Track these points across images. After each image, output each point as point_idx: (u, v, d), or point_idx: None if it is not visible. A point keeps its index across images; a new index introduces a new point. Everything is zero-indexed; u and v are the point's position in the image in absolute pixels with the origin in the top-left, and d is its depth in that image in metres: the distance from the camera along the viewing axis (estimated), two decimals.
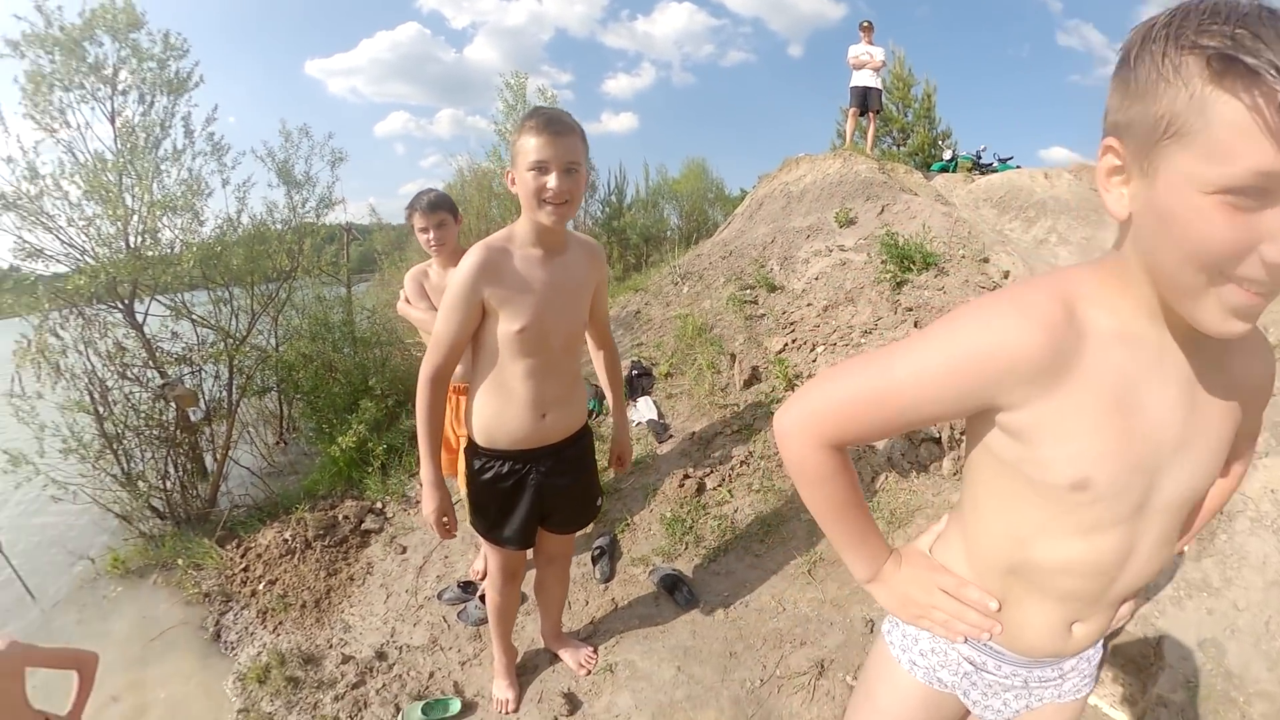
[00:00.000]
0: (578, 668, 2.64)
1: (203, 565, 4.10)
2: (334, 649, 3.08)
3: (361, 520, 3.96)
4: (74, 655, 2.17)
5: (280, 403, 5.77)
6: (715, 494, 3.52)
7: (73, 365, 4.39)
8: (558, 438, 2.02)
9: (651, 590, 3.00)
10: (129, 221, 4.40)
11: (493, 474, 2.03)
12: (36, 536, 5.49)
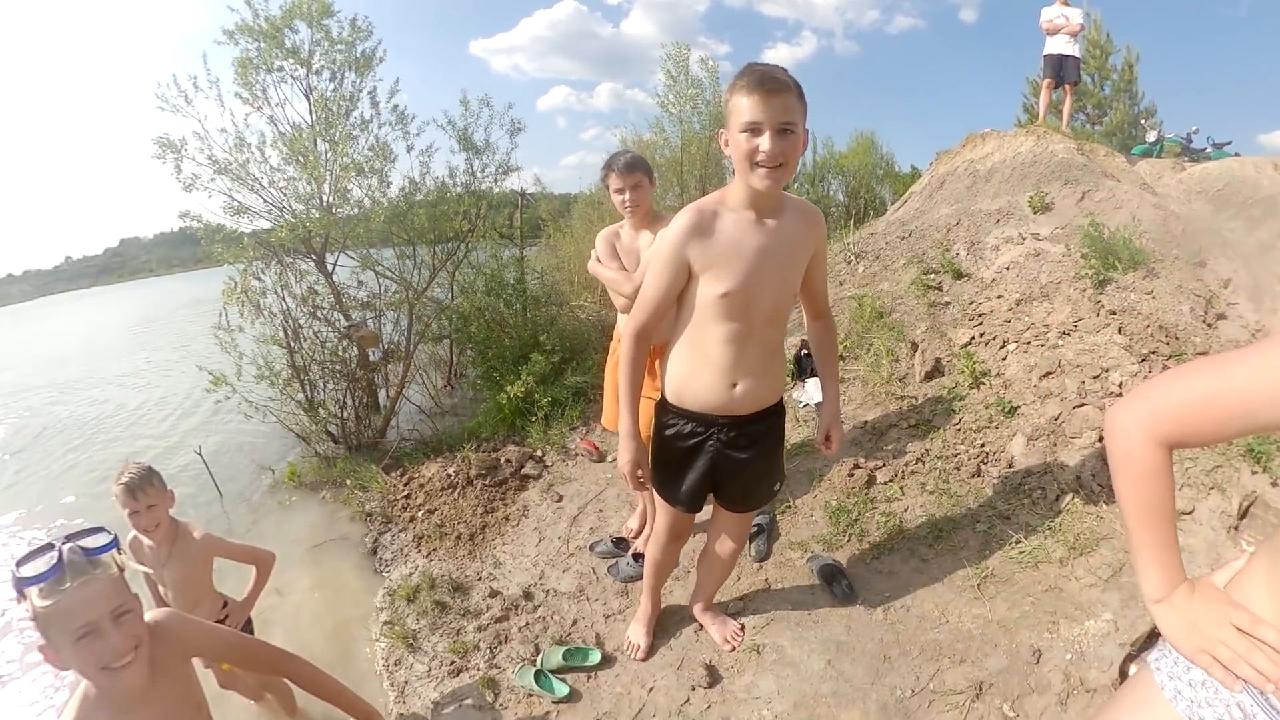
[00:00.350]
0: (723, 642, 2.53)
1: (368, 488, 4.46)
2: (483, 582, 3.19)
3: (522, 465, 4.10)
4: (256, 553, 2.40)
5: (451, 350, 6.15)
6: (885, 489, 3.26)
7: (270, 305, 4.98)
8: (744, 410, 1.92)
9: (808, 577, 2.82)
10: (323, 183, 4.88)
11: (674, 432, 1.98)
12: (229, 446, 6.29)
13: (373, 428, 5.30)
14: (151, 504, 2.17)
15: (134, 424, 8.66)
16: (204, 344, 5.58)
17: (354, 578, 3.68)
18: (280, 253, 4.91)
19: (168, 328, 18.70)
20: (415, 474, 4.35)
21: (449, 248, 5.32)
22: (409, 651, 2.88)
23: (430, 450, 4.75)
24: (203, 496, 4.85)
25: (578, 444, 4.25)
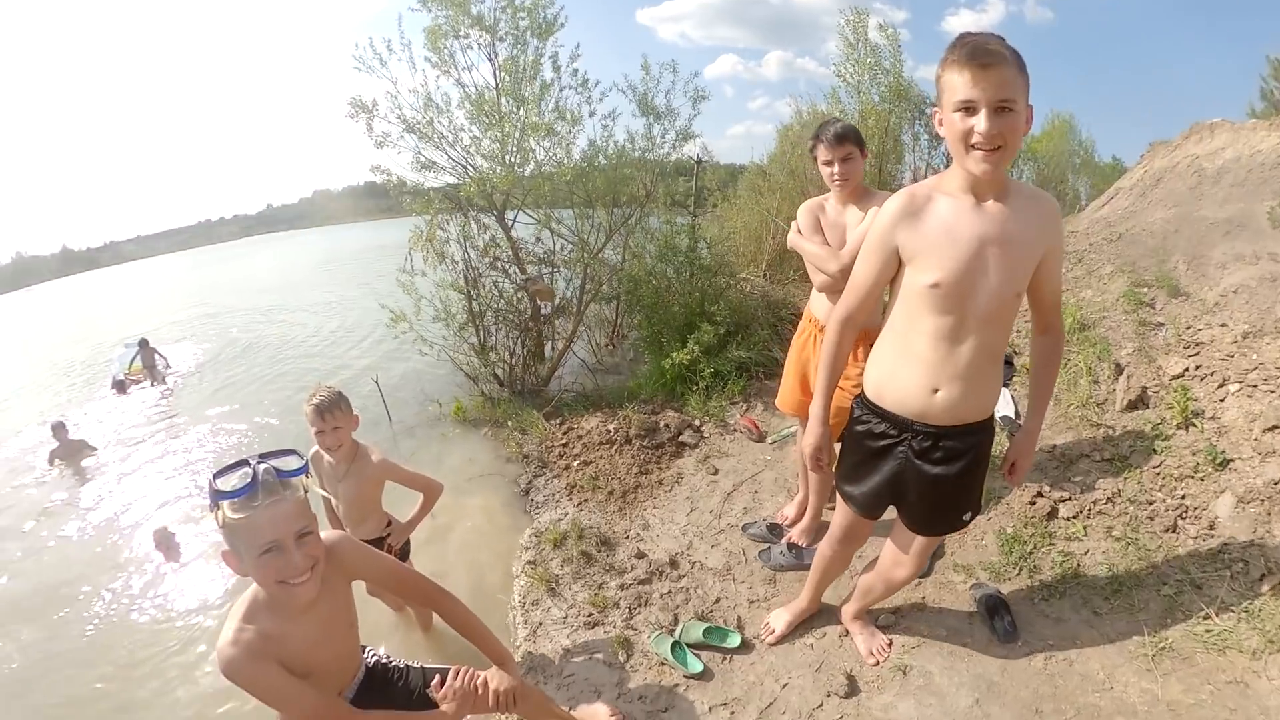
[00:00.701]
0: (868, 655, 2.42)
1: (527, 431, 4.72)
2: (630, 541, 3.28)
3: (680, 433, 4.15)
4: (427, 482, 2.59)
5: (617, 311, 6.35)
6: (1067, 525, 2.93)
7: (453, 254, 5.35)
8: (944, 420, 1.74)
9: (968, 604, 2.63)
10: (506, 143, 5.08)
11: (865, 429, 1.87)
12: (402, 378, 6.96)
13: (537, 376, 5.61)
14: (337, 425, 2.39)
15: (321, 348, 9.92)
16: (386, 285, 6.16)
17: (504, 514, 3.93)
18: (465, 206, 5.25)
19: (353, 268, 20.80)
20: (574, 425, 4.54)
21: (625, 212, 5.41)
22: (548, 594, 3.02)
23: (590, 404, 4.95)
24: (374, 421, 5.36)
25: (738, 420, 4.23)
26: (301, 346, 10.29)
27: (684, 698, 2.36)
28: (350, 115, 4.95)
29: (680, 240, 5.50)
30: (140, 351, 9.80)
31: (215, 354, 10.66)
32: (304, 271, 23.00)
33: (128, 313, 21.66)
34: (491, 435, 4.96)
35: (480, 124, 5.08)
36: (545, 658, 2.69)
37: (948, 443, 1.77)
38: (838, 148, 2.46)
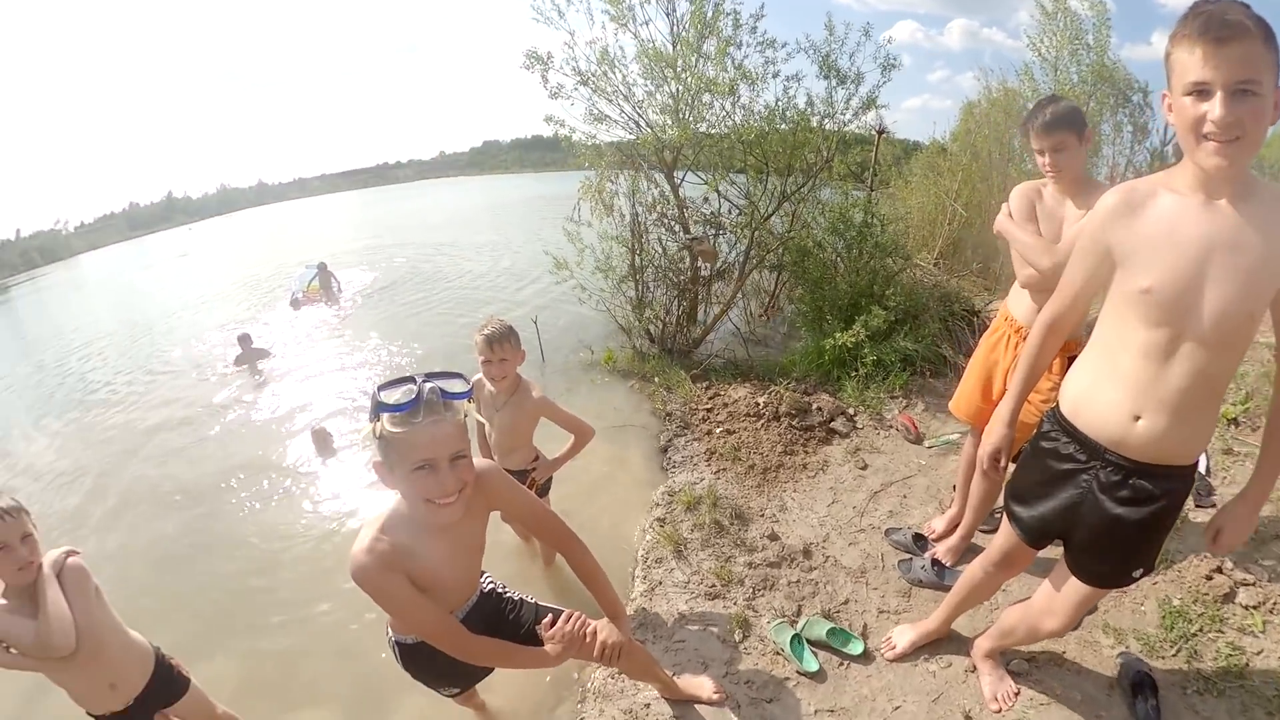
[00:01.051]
0: (991, 699, 2.25)
1: (673, 390, 4.78)
2: (764, 520, 3.25)
3: (832, 418, 4.03)
4: (580, 425, 2.64)
5: (777, 282, 6.19)
6: (1245, 614, 2.52)
7: (620, 207, 5.42)
8: (1141, 455, 1.50)
9: (1110, 672, 2.37)
10: (680, 100, 4.96)
11: (1051, 446, 1.69)
12: (559, 321, 7.31)
13: (689, 337, 5.63)
14: (504, 358, 2.50)
15: (485, 286, 10.62)
16: (551, 233, 6.43)
17: (641, 467, 4.04)
18: (635, 161, 5.26)
19: (517, 215, 21.85)
20: (721, 391, 4.54)
21: (799, 179, 5.16)
22: (673, 555, 3.07)
23: (740, 373, 4.92)
24: (529, 360, 5.69)
25: (895, 416, 4.03)
26: (467, 283, 11.09)
27: (791, 694, 2.34)
28: (526, 66, 5.05)
29: (854, 214, 5.23)
30: (318, 273, 10.98)
31: (387, 282, 11.77)
32: (472, 214, 24.83)
33: (310, 239, 24.73)
34: (638, 388, 5.09)
35: (654, 79, 5.03)
36: (659, 618, 2.75)
37: (1139, 481, 1.54)
38: (1047, 136, 2.18)
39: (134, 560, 4.19)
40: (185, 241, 40.51)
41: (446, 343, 7.67)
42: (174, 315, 13.09)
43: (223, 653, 3.09)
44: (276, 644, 3.19)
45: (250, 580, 3.66)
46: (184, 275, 22.06)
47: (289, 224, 38.36)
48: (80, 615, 1.86)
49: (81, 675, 1.94)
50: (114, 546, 4.44)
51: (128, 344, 11.08)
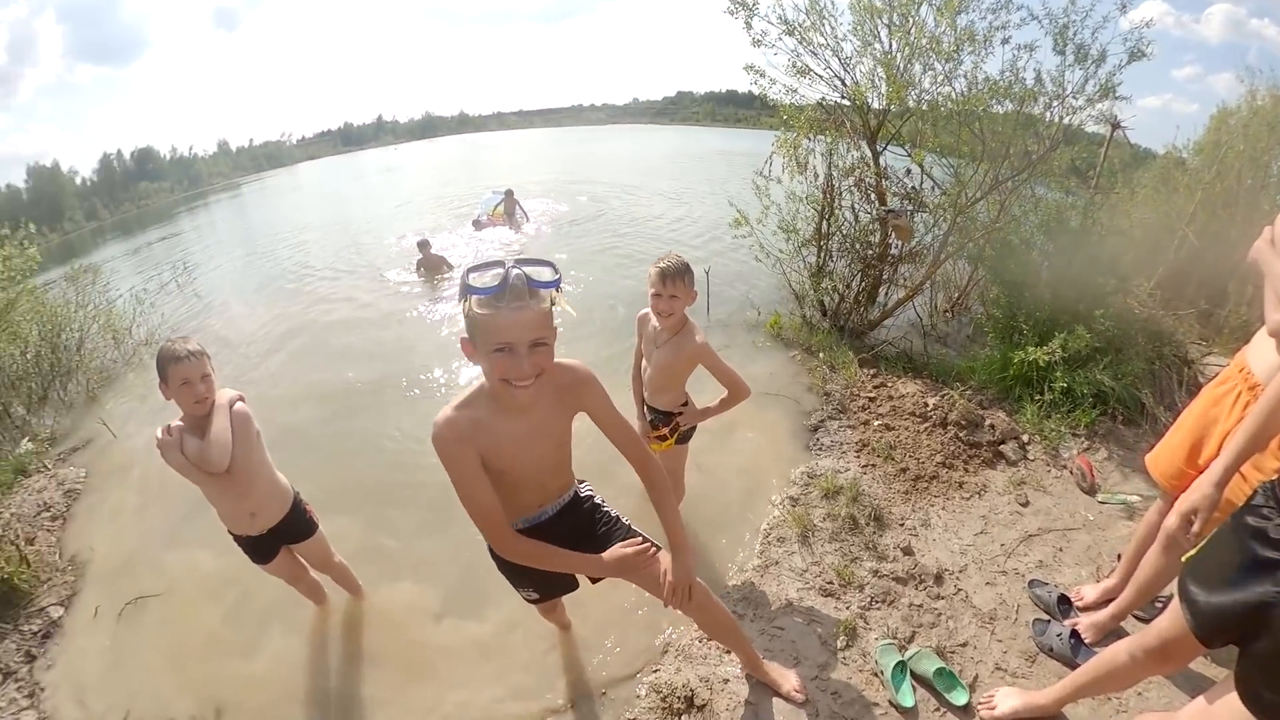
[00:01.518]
0: None
1: (836, 369, 4.56)
2: (903, 530, 3.07)
3: (1003, 440, 3.64)
4: (737, 381, 2.56)
5: (971, 277, 5.55)
6: None
7: (815, 167, 5.05)
8: None
9: None
10: (892, 60, 4.44)
11: (1260, 526, 1.38)
12: (731, 276, 7.17)
13: (864, 318, 5.30)
14: (674, 295, 2.45)
15: (663, 231, 10.68)
16: (736, 187, 6.22)
17: (786, 441, 3.93)
18: (837, 121, 4.88)
19: (704, 167, 21.52)
20: (889, 383, 4.27)
21: (1015, 165, 4.46)
22: (797, 539, 3.01)
23: (912, 368, 4.58)
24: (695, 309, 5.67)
25: (1073, 457, 3.52)
26: (646, 226, 11.22)
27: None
28: (729, 10, 4.77)
29: (1071, 216, 4.52)
30: (504, 199, 11.59)
31: (570, 216, 12.27)
32: (659, 162, 24.76)
33: (502, 168, 26.27)
34: (799, 360, 4.91)
35: (865, 35, 4.57)
36: (765, 597, 2.74)
37: None
38: None
39: (298, 421, 4.92)
40: (390, 159, 45.19)
41: (613, 276, 7.87)
42: (372, 221, 14.71)
43: (352, 515, 3.54)
44: (399, 521, 3.61)
45: (392, 467, 4.13)
46: (386, 188, 24.78)
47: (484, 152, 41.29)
48: (238, 447, 2.26)
49: (230, 500, 2.36)
50: (283, 405, 5.24)
51: (329, 242, 12.72)
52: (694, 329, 2.56)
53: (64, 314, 6.67)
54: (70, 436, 5.37)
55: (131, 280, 10.99)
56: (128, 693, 2.81)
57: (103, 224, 42.37)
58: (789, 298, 5.81)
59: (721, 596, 2.77)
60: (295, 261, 11.12)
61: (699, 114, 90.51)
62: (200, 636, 3.04)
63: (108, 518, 4.10)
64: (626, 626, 2.75)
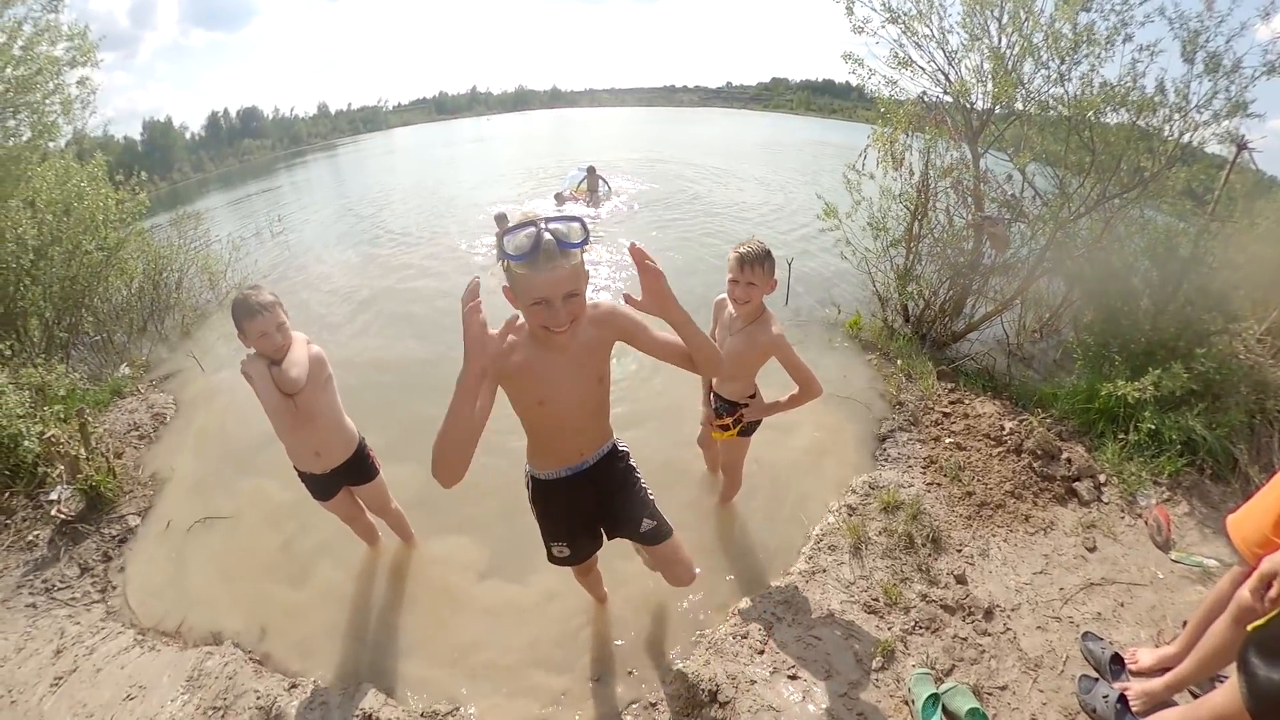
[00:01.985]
0: None
1: (913, 380, 4.39)
2: (959, 557, 2.92)
3: (1079, 478, 3.39)
4: (809, 378, 2.48)
5: (1065, 298, 5.18)
6: None
7: (911, 164, 4.81)
8: None
9: None
10: (999, 59, 4.16)
11: None
12: (813, 270, 7.05)
13: (948, 329, 5.06)
14: (751, 282, 2.38)
15: (748, 217, 10.37)
16: (827, 179, 6.01)
17: (851, 447, 3.81)
18: (937, 118, 4.63)
19: (796, 156, 21.08)
20: (966, 400, 4.08)
21: (1124, 181, 4.10)
22: (849, 550, 2.92)
23: (991, 387, 4.35)
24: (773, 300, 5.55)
25: (1151, 507, 3.22)
26: (731, 211, 10.98)
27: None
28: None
29: (1181, 244, 4.13)
30: (587, 176, 11.52)
31: (654, 196, 12.11)
32: (750, 147, 24.30)
33: (591, 144, 26.26)
34: (875, 365, 4.74)
35: (974, 28, 4.31)
36: (806, 603, 2.67)
37: None
38: None
39: (371, 370, 5.12)
40: (482, 129, 46.12)
41: (694, 258, 7.77)
42: (459, 188, 15.14)
43: (413, 465, 3.60)
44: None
45: None
46: (475, 157, 25.49)
47: (574, 127, 41.60)
48: (310, 379, 2.37)
49: (297, 437, 2.47)
50: (358, 354, 5.47)
51: (416, 205, 13.13)
52: (771, 319, 2.49)
53: (167, 255, 7.18)
54: (162, 366, 5.75)
55: (229, 228, 11.66)
56: (186, 602, 3.03)
57: (207, 176, 45.03)
58: (872, 298, 5.61)
59: (762, 596, 2.74)
60: (380, 223, 11.54)
61: (793, 102, 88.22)
62: (256, 561, 3.22)
63: (189, 442, 4.36)
64: (664, 611, 2.75)
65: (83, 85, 5.27)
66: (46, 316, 5.83)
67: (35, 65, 4.87)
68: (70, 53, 5.08)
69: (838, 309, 5.76)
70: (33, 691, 2.59)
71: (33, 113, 5.01)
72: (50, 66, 4.98)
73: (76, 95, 5.25)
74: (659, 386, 4.55)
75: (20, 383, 4.34)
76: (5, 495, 3.71)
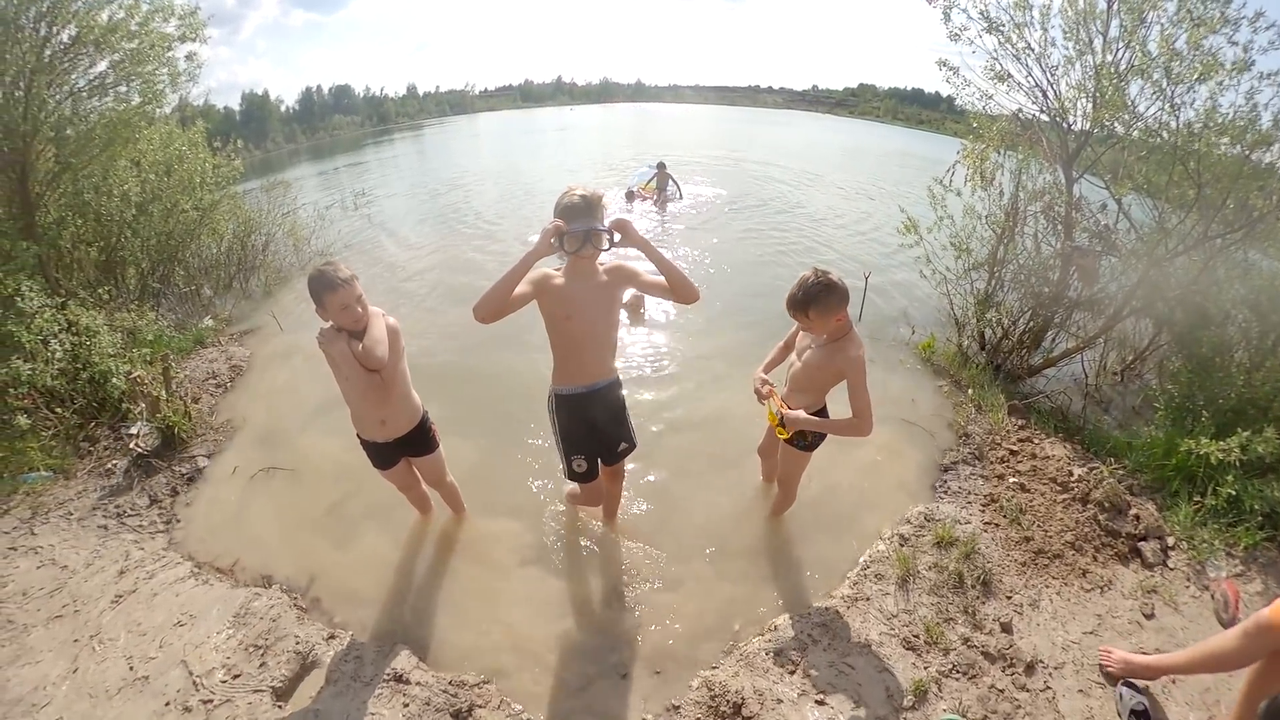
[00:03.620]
0: None
1: (983, 412, 4.19)
2: (1008, 604, 2.77)
3: (1145, 537, 3.17)
4: (866, 412, 2.40)
5: (1152, 341, 4.82)
6: None
7: (1001, 184, 4.60)
8: None
9: None
10: (1103, 78, 3.88)
11: None
12: (889, 286, 6.85)
13: (1025, 362, 4.81)
14: (809, 323, 2.42)
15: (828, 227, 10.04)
16: (911, 190, 5.76)
17: (911, 475, 3.68)
18: (1032, 137, 4.42)
19: (880, 165, 20.58)
20: (1035, 439, 3.89)
21: (1228, 221, 3.77)
22: (896, 581, 2.83)
23: (1064, 429, 4.09)
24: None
25: (1220, 579, 2.94)
26: (807, 217, 10.71)
27: None
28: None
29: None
30: (656, 173, 11.12)
31: (726, 200, 11.78)
32: (833, 154, 23.91)
33: (670, 140, 26.28)
34: (946, 392, 4.57)
35: (1078, 43, 4.06)
36: (845, 629, 2.60)
37: None
38: None
39: (440, 343, 5.31)
40: (565, 118, 46.89)
41: (758, 269, 7.53)
42: (539, 172, 15.47)
43: (472, 442, 3.72)
44: (511, 457, 3.79)
45: (515, 404, 4.29)
46: (557, 145, 25.90)
47: (656, 122, 41.82)
48: (390, 352, 2.45)
49: (368, 403, 2.55)
50: (427, 328, 5.64)
51: (494, 188, 13.43)
52: (853, 341, 2.44)
53: (256, 218, 7.59)
54: (244, 322, 6.05)
55: (315, 197, 12.19)
56: (242, 543, 3.20)
57: (299, 147, 47.12)
58: (948, 322, 5.38)
59: (801, 615, 2.69)
60: (458, 202, 11.85)
61: (880, 109, 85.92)
62: (311, 515, 3.36)
63: (262, 395, 4.58)
64: (698, 616, 2.73)
65: (190, 59, 5.61)
66: (143, 267, 6.26)
67: (149, 40, 5.20)
68: (180, 29, 5.41)
69: (912, 329, 5.59)
70: (95, 605, 2.78)
71: (143, 81, 5.35)
72: (162, 41, 5.31)
73: (184, 69, 5.59)
74: (711, 394, 4.55)
75: (114, 325, 4.64)
76: (91, 424, 3.97)
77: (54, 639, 2.62)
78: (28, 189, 4.96)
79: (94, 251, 5.89)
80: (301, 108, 66.32)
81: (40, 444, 3.74)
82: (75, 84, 5.12)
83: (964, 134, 4.76)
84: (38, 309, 3.95)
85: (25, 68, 4.69)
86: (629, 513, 3.34)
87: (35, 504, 3.43)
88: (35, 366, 3.77)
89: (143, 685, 2.40)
